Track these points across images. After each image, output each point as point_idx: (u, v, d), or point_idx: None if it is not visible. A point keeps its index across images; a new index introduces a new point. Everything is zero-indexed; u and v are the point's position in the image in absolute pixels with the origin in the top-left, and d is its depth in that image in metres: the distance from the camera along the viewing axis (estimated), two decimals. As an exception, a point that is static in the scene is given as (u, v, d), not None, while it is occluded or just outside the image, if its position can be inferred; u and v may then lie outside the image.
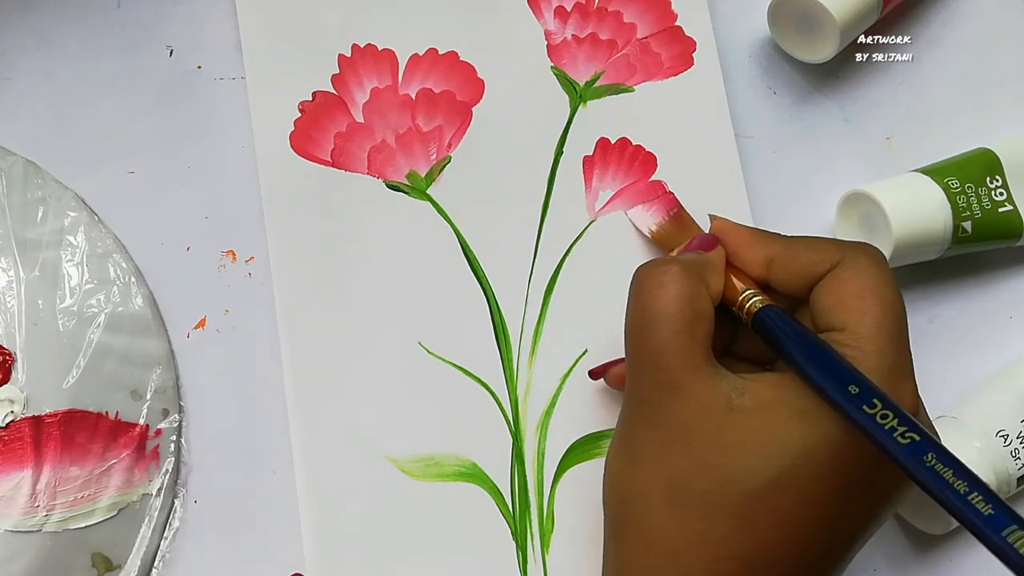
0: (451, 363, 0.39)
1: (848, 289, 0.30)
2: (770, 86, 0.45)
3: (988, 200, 0.41)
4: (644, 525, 0.30)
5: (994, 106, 0.45)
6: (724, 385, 0.30)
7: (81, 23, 0.42)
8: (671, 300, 0.31)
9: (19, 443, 0.36)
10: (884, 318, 0.30)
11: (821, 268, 0.31)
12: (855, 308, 0.30)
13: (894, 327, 0.30)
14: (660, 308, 0.31)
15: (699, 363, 0.30)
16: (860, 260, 0.31)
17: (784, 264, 0.32)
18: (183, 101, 0.42)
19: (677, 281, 0.31)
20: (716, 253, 0.33)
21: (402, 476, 0.38)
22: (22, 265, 0.38)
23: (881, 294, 0.30)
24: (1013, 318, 0.44)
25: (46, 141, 0.41)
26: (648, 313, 0.31)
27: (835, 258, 0.31)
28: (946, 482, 0.25)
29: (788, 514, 0.28)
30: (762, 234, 0.34)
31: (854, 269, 0.31)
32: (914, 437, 0.26)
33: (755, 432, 0.29)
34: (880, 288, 0.30)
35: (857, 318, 0.30)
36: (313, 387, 0.39)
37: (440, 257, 0.40)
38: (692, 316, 0.30)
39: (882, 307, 0.30)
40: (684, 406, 0.30)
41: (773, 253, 0.33)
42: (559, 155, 0.42)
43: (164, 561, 0.38)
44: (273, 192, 0.40)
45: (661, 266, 0.32)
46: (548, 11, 0.43)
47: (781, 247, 0.33)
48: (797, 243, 0.33)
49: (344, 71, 0.42)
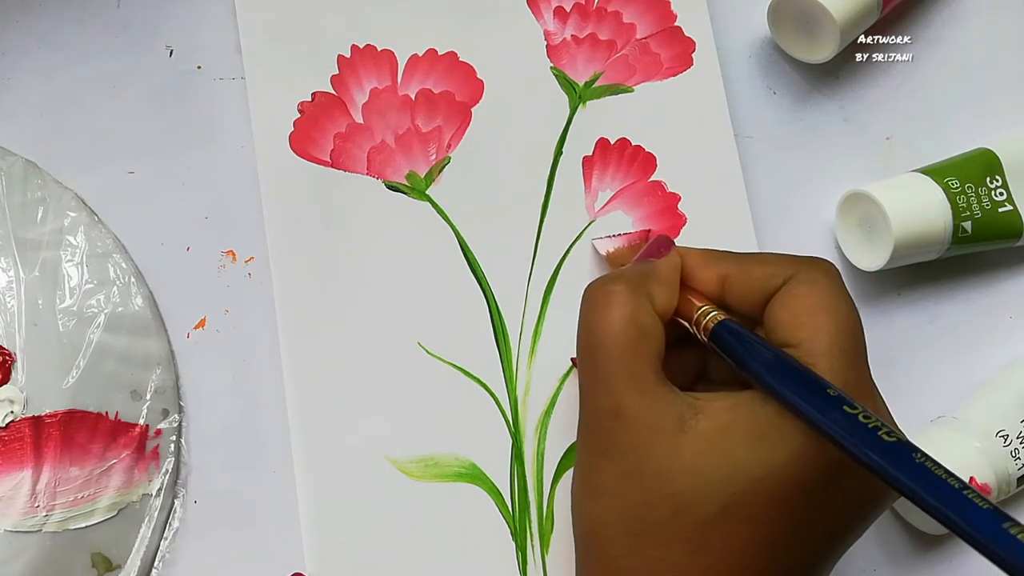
0: (451, 363, 0.39)
1: (801, 304, 0.30)
2: (770, 86, 0.45)
3: (988, 200, 0.41)
4: (606, 555, 0.30)
5: (994, 106, 0.45)
6: (676, 406, 0.29)
7: (81, 23, 0.42)
8: (614, 321, 0.30)
9: (19, 443, 0.36)
10: (839, 334, 0.29)
11: (774, 283, 0.31)
12: (808, 324, 0.29)
13: (849, 343, 0.29)
14: (604, 330, 0.30)
15: (646, 385, 0.29)
16: (813, 274, 0.30)
17: (738, 280, 0.31)
18: (183, 101, 0.42)
19: (620, 300, 0.30)
20: (666, 262, 0.32)
21: (402, 476, 0.38)
22: (22, 265, 0.38)
23: (835, 309, 0.29)
24: (1013, 318, 0.44)
25: (46, 141, 0.41)
26: (593, 336, 0.30)
27: (788, 272, 0.30)
28: (939, 479, 0.24)
29: (743, 540, 0.28)
30: (715, 253, 0.33)
31: (807, 284, 0.30)
32: (900, 436, 0.26)
33: (708, 456, 0.28)
34: (834, 303, 0.29)
35: (811, 334, 0.29)
36: (313, 387, 0.39)
37: (439, 257, 0.40)
38: (636, 336, 0.30)
39: (836, 323, 0.29)
40: (634, 432, 0.29)
41: (726, 271, 0.32)
42: (558, 155, 0.42)
43: (164, 561, 0.38)
44: (273, 192, 0.40)
45: (606, 285, 0.31)
46: (547, 11, 0.43)
47: (734, 264, 0.32)
48: (751, 259, 0.32)
49: (343, 72, 0.42)
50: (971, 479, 0.38)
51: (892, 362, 0.43)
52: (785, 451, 0.28)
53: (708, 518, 0.28)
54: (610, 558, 0.30)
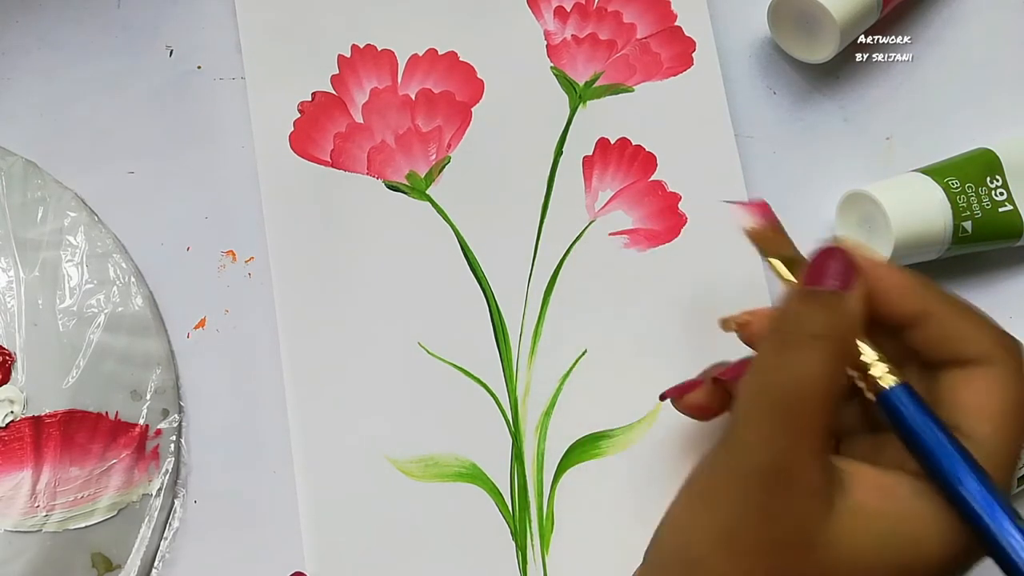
0: (451, 364, 0.39)
1: (996, 396, 0.27)
2: (770, 86, 0.45)
3: (988, 200, 0.41)
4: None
5: (994, 106, 0.45)
6: (830, 474, 0.27)
7: (81, 23, 0.42)
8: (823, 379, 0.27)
9: (19, 443, 0.36)
10: (1014, 443, 0.27)
11: (977, 353, 0.28)
12: (995, 422, 0.27)
13: (1017, 451, 0.27)
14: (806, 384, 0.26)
15: (820, 447, 0.27)
16: (1015, 366, 0.28)
17: (942, 326, 0.28)
18: (183, 101, 0.42)
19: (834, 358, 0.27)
20: (859, 303, 0.28)
21: (402, 476, 0.38)
22: (22, 265, 0.38)
23: (1020, 411, 0.27)
24: (1013, 318, 0.44)
25: (46, 141, 0.41)
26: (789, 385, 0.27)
27: (991, 352, 0.28)
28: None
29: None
30: (919, 281, 0.29)
31: (1011, 375, 0.28)
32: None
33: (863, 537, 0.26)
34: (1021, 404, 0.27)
35: (991, 435, 0.27)
36: (313, 387, 0.39)
37: (440, 257, 0.40)
38: (834, 402, 0.27)
39: (1018, 430, 0.27)
40: (794, 496, 0.26)
41: (933, 310, 0.29)
42: (559, 155, 0.42)
43: (164, 561, 0.38)
44: (273, 192, 0.40)
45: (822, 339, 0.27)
46: (548, 11, 0.43)
47: (942, 305, 0.29)
48: (959, 309, 0.29)
49: (343, 71, 0.42)
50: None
51: None
52: (939, 551, 0.26)
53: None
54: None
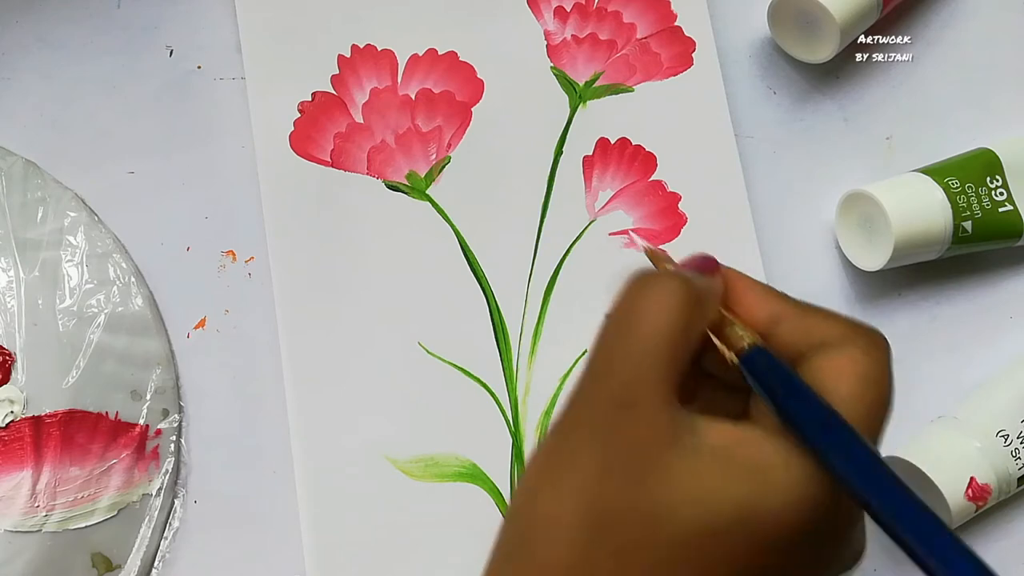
0: (451, 363, 0.39)
1: (853, 369, 0.28)
2: (770, 86, 0.45)
3: (988, 200, 0.41)
4: (541, 556, 0.26)
5: (994, 106, 0.45)
6: (680, 418, 0.27)
7: (81, 23, 0.42)
8: (670, 313, 0.27)
9: (19, 443, 0.36)
10: (874, 409, 0.28)
11: (830, 339, 0.29)
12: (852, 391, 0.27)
13: (879, 418, 0.28)
14: (654, 317, 0.27)
15: (669, 394, 0.27)
16: (872, 348, 0.29)
17: (792, 325, 0.29)
18: (183, 101, 0.42)
19: (682, 298, 0.27)
20: (715, 283, 0.30)
21: (402, 476, 0.38)
22: (22, 265, 0.38)
23: (882, 387, 0.28)
24: (1013, 318, 0.44)
25: (46, 141, 0.41)
26: (639, 316, 0.27)
27: (848, 335, 0.29)
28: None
29: (713, 569, 0.26)
30: (770, 289, 0.31)
31: (867, 354, 0.28)
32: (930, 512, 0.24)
33: (704, 480, 0.26)
34: (883, 381, 0.28)
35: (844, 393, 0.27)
36: (313, 387, 0.39)
37: (440, 257, 0.40)
38: (683, 341, 0.27)
39: (878, 400, 0.28)
40: (638, 430, 0.26)
41: (781, 311, 0.29)
42: (559, 155, 0.42)
43: (164, 561, 0.38)
44: (273, 192, 0.40)
45: (670, 275, 0.28)
46: (548, 11, 0.43)
47: (791, 308, 0.30)
48: (808, 308, 0.30)
49: (343, 71, 0.42)
50: (971, 479, 0.38)
51: (893, 362, 0.43)
52: (787, 492, 0.26)
53: (684, 537, 0.26)
54: (547, 562, 0.26)
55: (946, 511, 0.38)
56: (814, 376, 0.28)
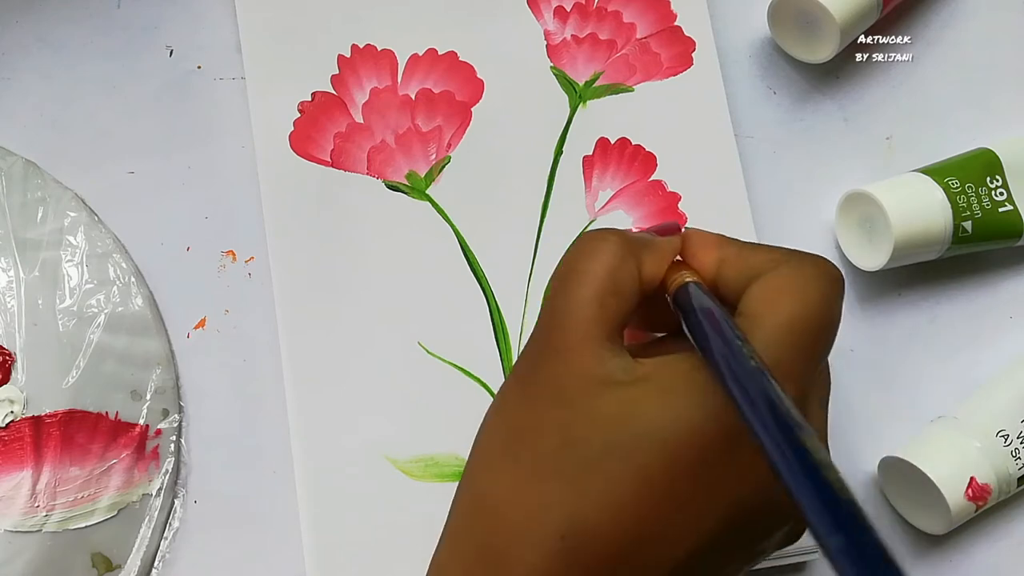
0: (451, 363, 0.39)
1: (774, 283, 0.28)
2: (770, 86, 0.45)
3: (988, 200, 0.41)
4: (475, 474, 0.29)
5: (994, 106, 0.45)
6: (614, 363, 0.28)
7: (81, 23, 0.42)
8: (593, 265, 0.29)
9: (19, 443, 0.36)
10: (794, 319, 0.27)
11: (766, 267, 0.29)
12: (769, 300, 0.28)
13: (801, 331, 0.27)
14: (580, 271, 0.29)
15: (595, 335, 0.28)
16: (803, 265, 0.29)
17: (734, 264, 0.30)
18: (183, 101, 0.42)
19: (608, 251, 0.29)
20: (667, 240, 0.31)
21: (402, 476, 0.38)
22: (22, 265, 0.38)
23: (803, 296, 0.28)
24: (1013, 318, 0.44)
25: (46, 141, 0.41)
26: (568, 274, 0.29)
27: (782, 260, 0.29)
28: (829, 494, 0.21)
29: (623, 489, 0.26)
30: (721, 237, 0.32)
31: (792, 271, 0.29)
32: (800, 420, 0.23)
33: (618, 402, 0.27)
34: (806, 294, 0.28)
35: (765, 309, 0.28)
36: (313, 387, 0.39)
37: (440, 257, 0.40)
38: (608, 288, 0.29)
39: (797, 307, 0.27)
40: (560, 368, 0.28)
41: (727, 255, 0.31)
42: (559, 155, 0.42)
43: (164, 561, 0.38)
44: (273, 192, 0.40)
45: (600, 233, 0.30)
46: (548, 11, 0.43)
47: (736, 249, 0.31)
48: (752, 247, 0.31)
49: (343, 71, 0.42)
50: (971, 479, 0.38)
51: (893, 362, 0.43)
52: (690, 406, 0.27)
53: (593, 457, 0.27)
54: (479, 474, 0.29)
55: (946, 511, 0.38)
56: (747, 303, 0.29)
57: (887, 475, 0.41)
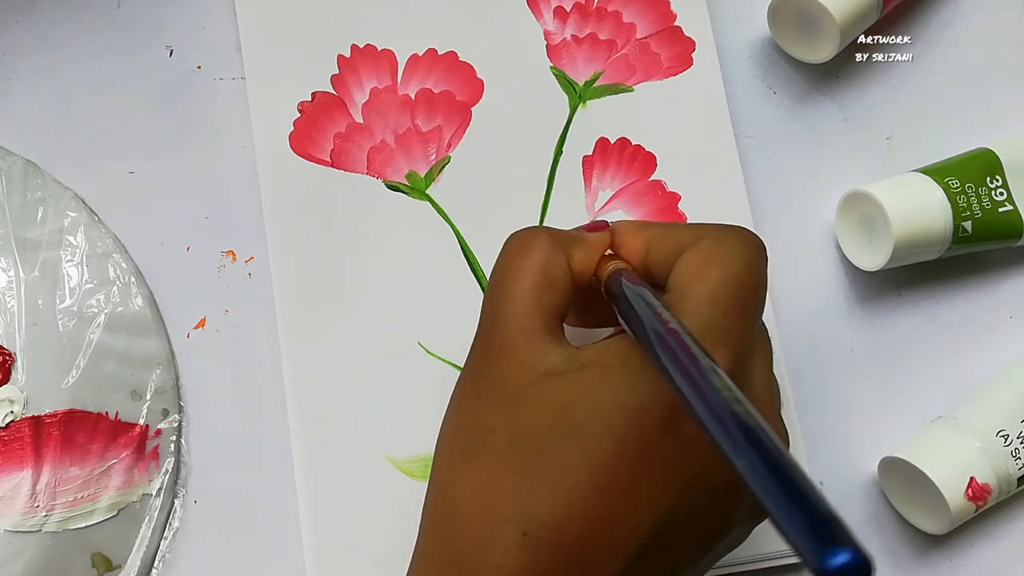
0: (451, 363, 0.39)
1: (697, 256, 0.29)
2: (770, 86, 0.45)
3: (988, 200, 0.41)
4: (437, 478, 0.30)
5: (994, 106, 0.45)
6: (556, 354, 0.29)
7: (81, 23, 0.42)
8: (525, 263, 0.30)
9: (19, 443, 0.36)
10: (718, 286, 0.28)
11: (688, 242, 0.30)
12: (693, 271, 0.29)
13: (727, 297, 0.28)
14: (513, 270, 0.30)
15: (534, 328, 0.29)
16: (726, 237, 0.30)
17: (659, 244, 0.31)
18: (183, 101, 0.42)
19: (537, 248, 0.30)
20: (595, 236, 0.32)
21: (401, 476, 0.38)
22: (22, 265, 0.38)
23: (727, 265, 0.28)
24: (1013, 318, 0.44)
25: (46, 141, 0.41)
26: (501, 273, 0.30)
27: (703, 233, 0.30)
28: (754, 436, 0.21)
29: (575, 473, 0.26)
30: (645, 222, 0.33)
31: (715, 242, 0.29)
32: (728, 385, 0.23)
33: (561, 389, 0.28)
34: (729, 260, 0.28)
35: (690, 281, 0.28)
36: (313, 387, 0.39)
37: (440, 257, 0.40)
38: (542, 282, 0.30)
39: (720, 274, 0.28)
40: (504, 364, 0.29)
41: (652, 236, 0.31)
42: (558, 155, 0.42)
43: (164, 561, 0.38)
44: (273, 192, 0.40)
45: (529, 232, 0.31)
46: (547, 11, 0.43)
47: (661, 231, 0.31)
48: (677, 226, 0.32)
49: (343, 71, 0.42)
50: (971, 479, 0.38)
51: (892, 362, 0.43)
52: (630, 386, 0.27)
53: (542, 448, 0.27)
54: (445, 483, 0.29)
55: (946, 511, 0.38)
56: (675, 278, 0.29)
57: (887, 475, 0.41)
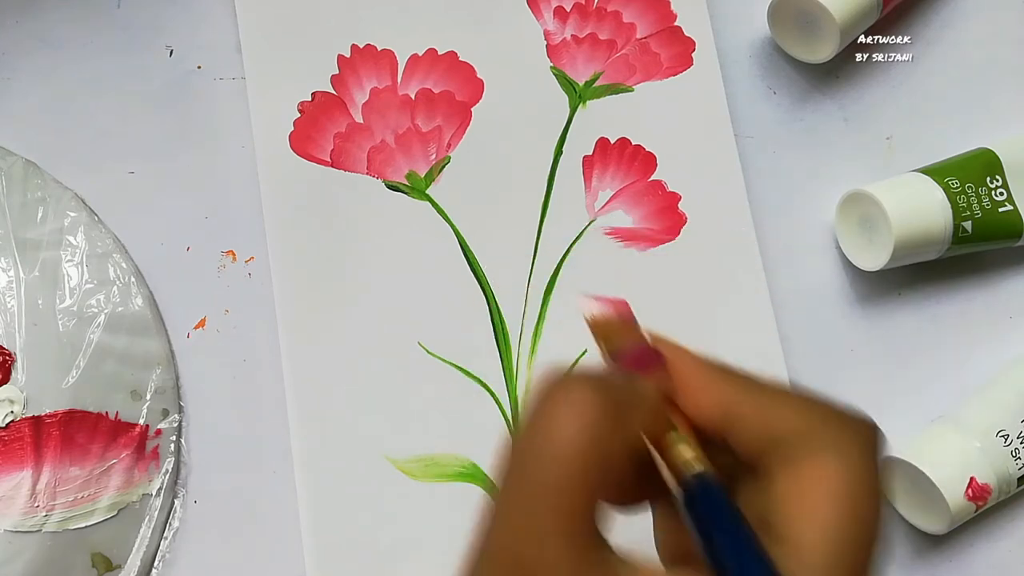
0: (451, 363, 0.39)
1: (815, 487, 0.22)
2: (770, 86, 0.45)
3: (988, 200, 0.41)
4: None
5: (994, 106, 0.45)
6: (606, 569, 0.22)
7: (81, 23, 0.42)
8: (576, 436, 0.22)
9: (19, 443, 0.36)
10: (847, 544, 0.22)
11: (794, 438, 0.23)
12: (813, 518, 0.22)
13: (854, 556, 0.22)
14: (557, 442, 0.22)
15: (581, 533, 0.22)
16: (845, 446, 0.23)
17: (748, 421, 0.24)
18: (183, 101, 0.42)
19: (589, 415, 0.22)
20: (657, 386, 0.25)
21: (402, 476, 0.38)
22: (22, 265, 0.38)
23: (855, 505, 0.22)
24: (1013, 318, 0.44)
25: (46, 141, 0.41)
26: (539, 443, 0.22)
27: (816, 431, 0.23)
28: None
29: None
30: (720, 371, 0.25)
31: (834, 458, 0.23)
32: None
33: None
34: (858, 495, 0.22)
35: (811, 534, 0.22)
36: (313, 387, 0.39)
37: (440, 257, 0.40)
38: (596, 472, 0.22)
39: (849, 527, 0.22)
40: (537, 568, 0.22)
41: (732, 400, 0.24)
42: (559, 155, 0.42)
43: (164, 561, 0.38)
44: (273, 192, 0.40)
45: (577, 388, 0.22)
46: (547, 11, 0.43)
47: (745, 395, 0.24)
48: (765, 393, 0.24)
49: (343, 71, 0.42)
50: (971, 479, 0.38)
51: (892, 362, 0.43)
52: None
53: None
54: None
55: (946, 511, 0.38)
56: (776, 502, 0.23)
57: (887, 475, 0.41)
